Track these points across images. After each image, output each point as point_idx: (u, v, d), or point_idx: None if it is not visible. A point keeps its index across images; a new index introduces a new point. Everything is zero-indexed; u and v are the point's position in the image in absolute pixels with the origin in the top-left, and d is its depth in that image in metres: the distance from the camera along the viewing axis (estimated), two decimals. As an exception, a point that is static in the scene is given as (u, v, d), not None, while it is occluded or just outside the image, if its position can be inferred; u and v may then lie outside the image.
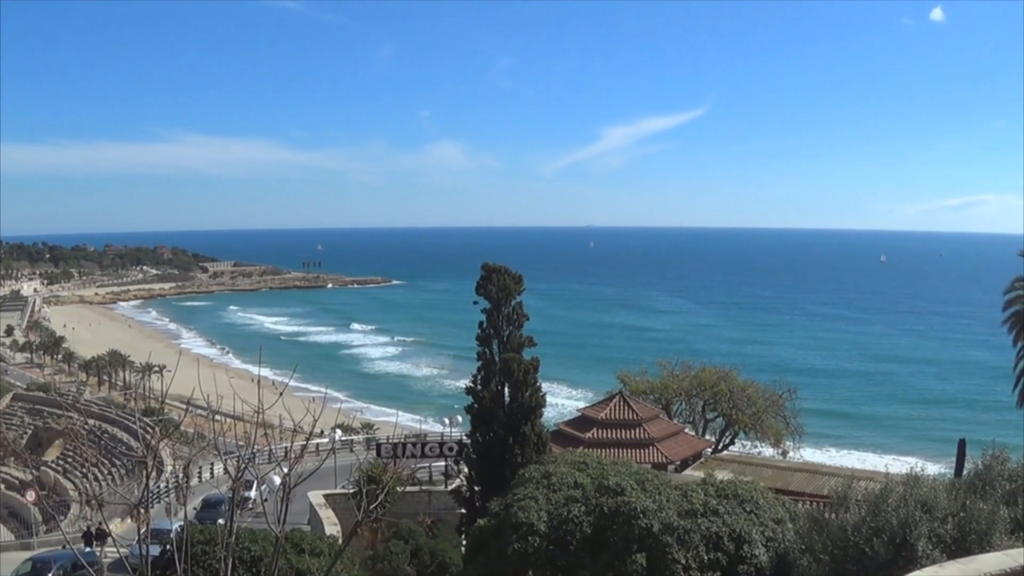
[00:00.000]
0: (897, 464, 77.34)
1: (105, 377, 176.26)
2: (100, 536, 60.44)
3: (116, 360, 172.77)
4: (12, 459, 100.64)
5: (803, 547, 29.14)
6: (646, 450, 67.38)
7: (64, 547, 57.06)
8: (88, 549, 55.68)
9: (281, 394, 18.02)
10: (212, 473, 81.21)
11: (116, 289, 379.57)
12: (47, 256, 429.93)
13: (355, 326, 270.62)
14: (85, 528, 62.37)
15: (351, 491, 56.37)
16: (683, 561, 31.60)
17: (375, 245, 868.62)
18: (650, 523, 32.48)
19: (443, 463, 73.77)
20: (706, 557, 31.79)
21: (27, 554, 56.93)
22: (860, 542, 25.54)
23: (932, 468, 67.36)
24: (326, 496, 60.62)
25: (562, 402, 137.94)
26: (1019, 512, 25.99)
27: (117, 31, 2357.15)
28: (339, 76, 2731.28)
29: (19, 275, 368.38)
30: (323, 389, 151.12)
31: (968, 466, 38.79)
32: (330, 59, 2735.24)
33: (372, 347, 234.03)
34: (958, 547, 24.25)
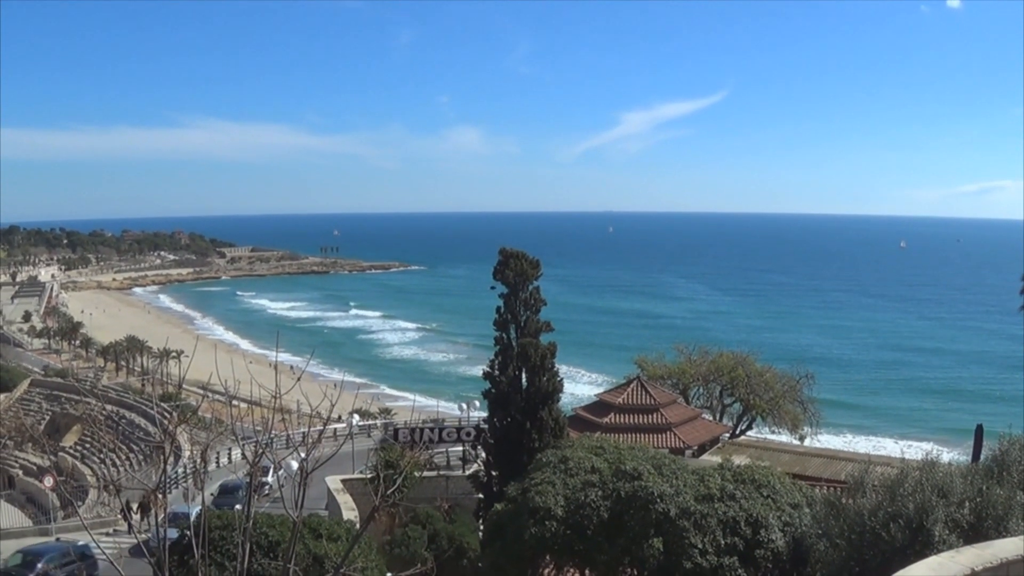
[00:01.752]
0: (913, 450, 77.23)
1: (123, 363, 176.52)
2: (143, 509, 60.98)
3: (133, 346, 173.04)
4: (30, 445, 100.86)
5: (820, 532, 29.13)
6: (663, 435, 67.46)
7: (58, 539, 57.35)
8: (83, 543, 55.68)
9: (299, 379, 18.10)
10: (230, 458, 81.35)
11: (133, 275, 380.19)
12: (65, 242, 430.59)
13: (372, 311, 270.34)
14: (124, 502, 62.84)
15: (369, 476, 56.47)
16: (700, 546, 31.58)
17: (392, 230, 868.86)
18: (667, 508, 32.47)
19: (460, 448, 73.78)
20: (723, 542, 31.76)
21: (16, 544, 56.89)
22: (877, 527, 25.49)
23: (949, 454, 67.41)
24: (344, 481, 60.43)
25: (580, 387, 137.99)
26: (1035, 498, 25.94)
27: (135, 16, 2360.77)
28: (357, 61, 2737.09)
29: (37, 261, 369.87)
30: (341, 374, 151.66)
31: (985, 452, 38.69)
32: (348, 44, 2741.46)
33: (390, 332, 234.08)
34: (975, 532, 24.20)
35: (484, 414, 60.81)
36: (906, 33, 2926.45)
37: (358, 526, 40.83)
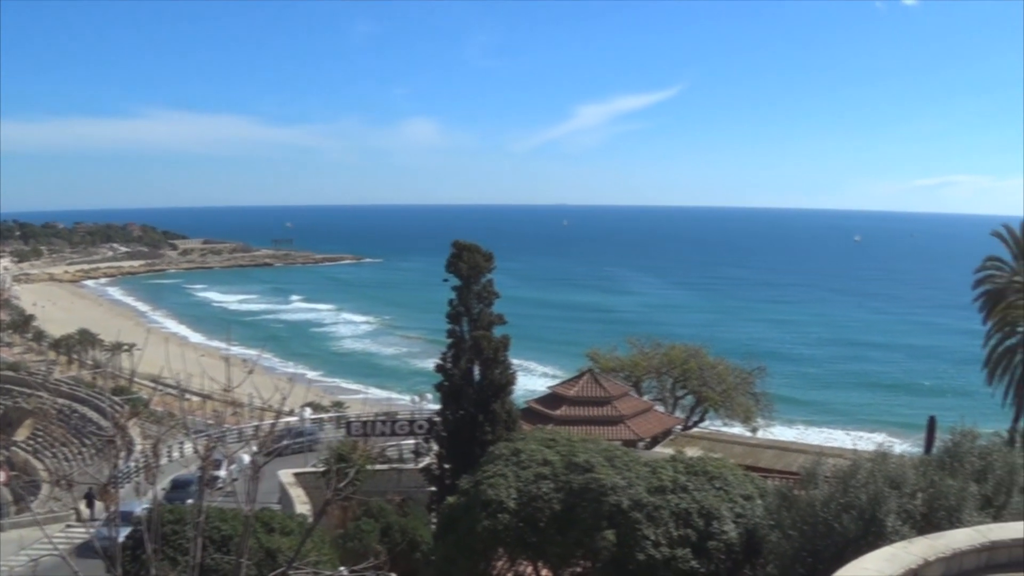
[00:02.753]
0: (865, 442, 77.57)
1: (75, 356, 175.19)
2: (90, 502, 60.58)
3: (86, 339, 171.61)
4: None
5: (772, 523, 29.24)
6: (616, 427, 67.63)
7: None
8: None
9: (250, 372, 17.90)
10: (182, 452, 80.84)
11: (86, 267, 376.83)
12: (17, 234, 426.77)
13: (324, 304, 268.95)
14: (83, 496, 62.47)
15: (321, 470, 56.33)
16: (652, 537, 31.66)
17: (346, 223, 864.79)
18: (619, 500, 32.56)
19: (413, 441, 73.66)
20: (675, 533, 31.86)
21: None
22: (829, 518, 25.58)
23: (901, 446, 67.80)
24: (296, 475, 60.48)
25: (533, 380, 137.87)
26: (989, 488, 26.07)
27: (93, 8, 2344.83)
28: (315, 53, 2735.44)
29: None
30: (293, 367, 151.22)
31: (937, 444, 38.89)
32: (306, 36, 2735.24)
33: (342, 325, 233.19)
34: (927, 523, 24.29)
35: (437, 407, 60.71)
36: (863, 29, 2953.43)
37: (311, 520, 40.67)
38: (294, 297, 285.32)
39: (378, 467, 62.31)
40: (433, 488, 56.32)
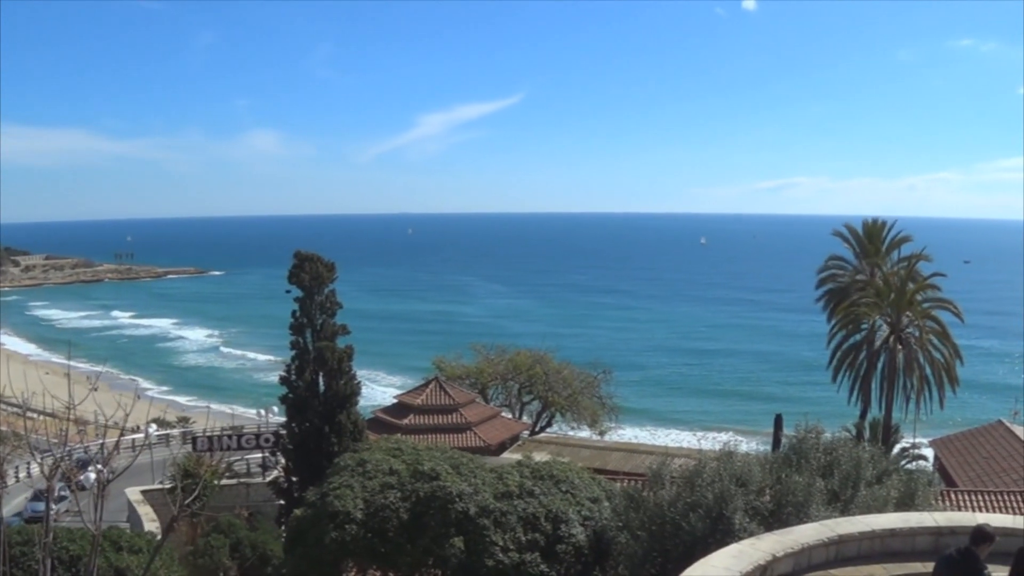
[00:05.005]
0: (711, 442, 78.40)
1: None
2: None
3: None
4: None
5: (620, 525, 29.24)
6: (464, 434, 68.02)
7: None
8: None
9: (94, 389, 17.27)
10: (29, 472, 78.79)
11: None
12: None
13: (168, 318, 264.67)
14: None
15: (168, 486, 55.35)
16: (501, 543, 31.59)
17: (190, 235, 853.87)
18: (466, 507, 32.47)
19: (260, 455, 72.85)
20: (524, 538, 31.81)
21: None
22: (677, 517, 25.62)
23: (751, 444, 68.75)
24: (144, 492, 59.73)
25: (380, 390, 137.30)
26: (835, 483, 26.28)
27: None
28: (156, 64, 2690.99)
29: None
30: (137, 383, 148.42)
31: (784, 441, 39.31)
32: (147, 47, 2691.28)
33: (186, 339, 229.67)
34: (775, 519, 24.43)
35: (283, 420, 60.08)
36: (702, 34, 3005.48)
37: (159, 537, 39.83)
38: (137, 312, 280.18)
39: (226, 482, 61.59)
40: (281, 501, 56.01)
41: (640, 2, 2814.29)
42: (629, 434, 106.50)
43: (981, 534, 13.75)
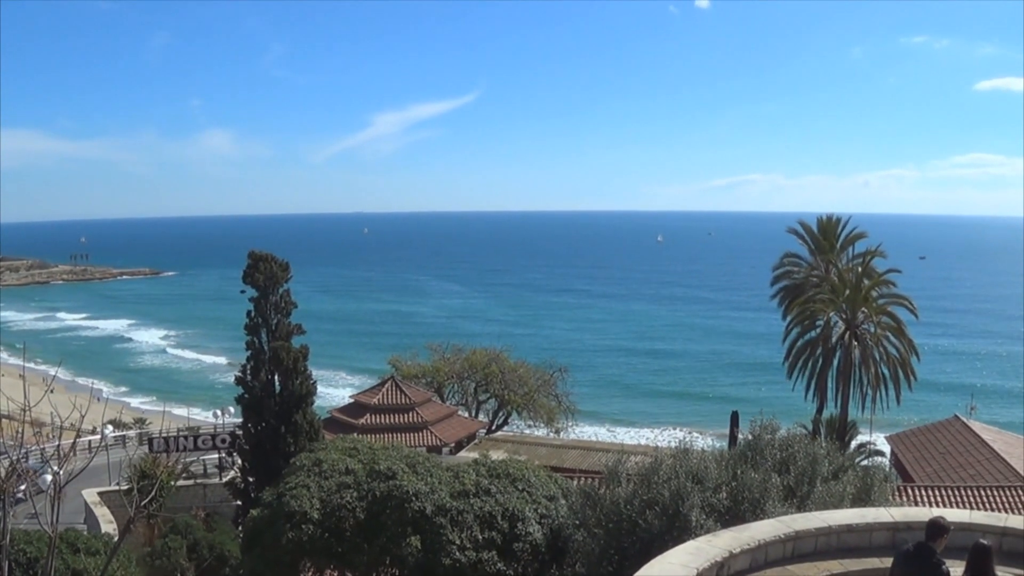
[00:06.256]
0: (668, 439, 78.45)
1: None
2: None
3: None
4: None
5: (577, 522, 29.28)
6: (420, 433, 68.11)
7: None
8: None
9: (50, 390, 17.08)
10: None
11: None
12: None
13: (123, 319, 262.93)
14: None
15: (125, 488, 55.10)
16: (458, 542, 31.55)
17: (145, 236, 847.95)
18: (423, 505, 32.39)
19: (216, 455, 72.63)
20: (480, 537, 31.78)
21: None
22: (633, 515, 25.59)
23: (708, 441, 68.94)
24: (101, 494, 59.51)
25: (336, 390, 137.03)
26: (791, 479, 26.31)
27: None
28: (111, 64, 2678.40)
29: None
30: (92, 384, 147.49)
31: (740, 438, 39.41)
32: (102, 47, 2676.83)
33: (141, 340, 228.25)
34: (732, 516, 24.42)
35: (239, 420, 59.85)
36: (656, 33, 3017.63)
37: (117, 538, 39.61)
38: (92, 313, 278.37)
39: (182, 483, 61.44)
40: (238, 502, 55.98)
41: (594, 1, 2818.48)
42: (586, 432, 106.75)
43: (935, 527, 13.82)
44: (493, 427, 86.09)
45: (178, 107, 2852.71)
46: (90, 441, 78.61)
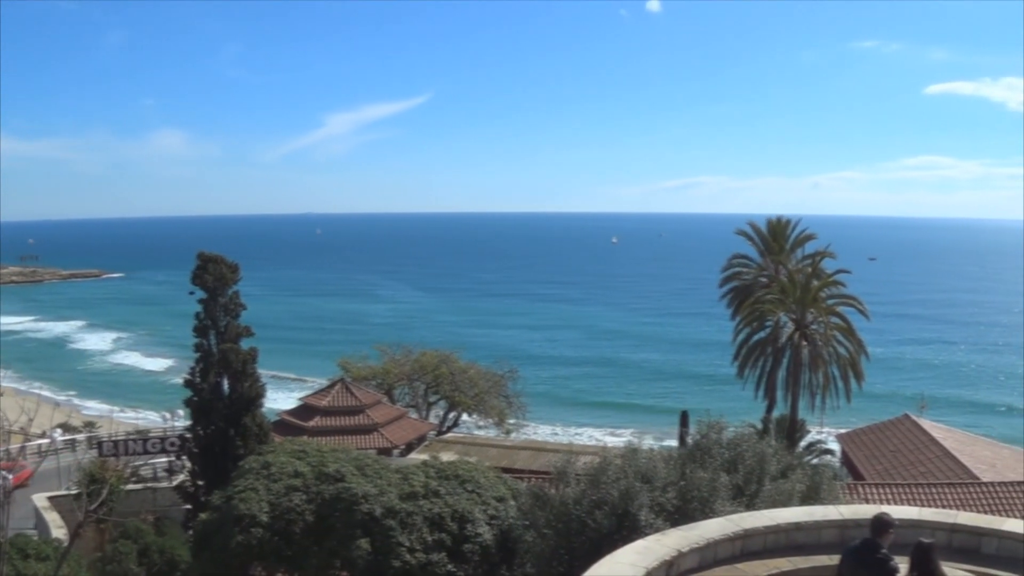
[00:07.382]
0: (617, 439, 78.50)
1: None
2: None
3: None
4: None
5: (527, 523, 29.30)
6: (370, 436, 67.95)
7: None
8: None
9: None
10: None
11: None
12: None
13: (72, 321, 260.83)
14: None
15: (74, 492, 54.72)
16: (407, 544, 31.61)
17: (95, 237, 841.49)
18: (372, 508, 32.43)
19: (166, 459, 72.10)
20: (430, 538, 31.83)
21: None
22: (582, 515, 25.67)
23: (656, 441, 69.02)
24: (50, 498, 58.92)
25: (286, 392, 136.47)
26: (740, 478, 26.39)
27: None
28: (64, 64, 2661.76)
29: None
30: (41, 387, 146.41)
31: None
32: (56, 46, 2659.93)
33: (90, 342, 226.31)
34: (681, 515, 24.49)
35: (188, 423, 59.46)
36: (606, 36, 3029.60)
37: (67, 544, 39.31)
38: (40, 315, 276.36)
39: (132, 487, 60.94)
40: (188, 506, 55.46)
41: (545, 3, 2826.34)
42: (538, 433, 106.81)
43: (880, 523, 13.89)
44: (444, 428, 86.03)
45: (130, 107, 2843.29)
46: (39, 445, 78.00)
